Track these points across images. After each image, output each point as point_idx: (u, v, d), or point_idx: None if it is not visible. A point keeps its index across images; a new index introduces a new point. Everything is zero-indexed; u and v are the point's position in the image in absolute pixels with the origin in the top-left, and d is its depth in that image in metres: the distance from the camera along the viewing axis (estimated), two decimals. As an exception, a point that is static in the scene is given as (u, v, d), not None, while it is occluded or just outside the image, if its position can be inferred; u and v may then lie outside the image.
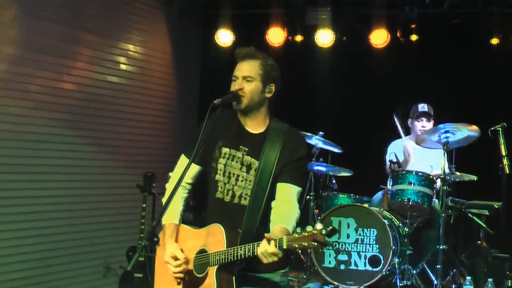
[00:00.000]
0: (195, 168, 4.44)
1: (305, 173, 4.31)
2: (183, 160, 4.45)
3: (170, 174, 4.53)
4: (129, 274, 7.53)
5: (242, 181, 4.29)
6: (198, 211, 8.14)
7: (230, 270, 4.12)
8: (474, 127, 7.28)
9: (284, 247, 3.80)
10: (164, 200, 4.28)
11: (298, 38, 9.75)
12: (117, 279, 7.92)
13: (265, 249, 3.86)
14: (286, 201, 4.19)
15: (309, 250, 7.31)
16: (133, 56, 8.97)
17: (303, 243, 3.74)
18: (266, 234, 3.88)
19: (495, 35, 8.98)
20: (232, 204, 4.29)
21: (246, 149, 4.31)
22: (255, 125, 4.35)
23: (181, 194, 4.49)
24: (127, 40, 8.88)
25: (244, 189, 4.27)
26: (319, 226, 3.71)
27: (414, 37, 9.23)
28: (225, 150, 4.34)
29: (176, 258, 4.27)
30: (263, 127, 4.35)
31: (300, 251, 3.84)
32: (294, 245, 3.77)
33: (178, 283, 4.32)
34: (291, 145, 4.26)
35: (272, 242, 3.83)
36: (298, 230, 3.79)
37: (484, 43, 9.01)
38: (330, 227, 3.73)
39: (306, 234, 3.73)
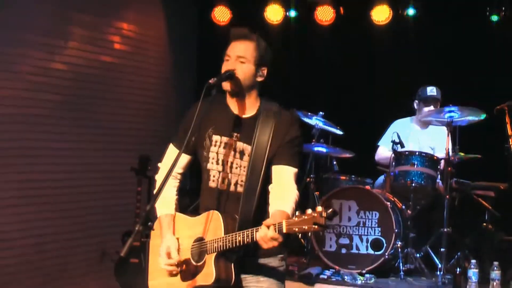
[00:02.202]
0: (185, 158, 4.41)
1: (300, 153, 4.28)
2: (171, 150, 4.45)
3: (159, 164, 4.51)
4: (124, 259, 7.52)
5: (236, 168, 4.27)
6: (194, 195, 8.10)
7: (229, 257, 4.11)
8: (481, 112, 7.27)
9: (284, 231, 3.79)
10: (155, 192, 4.26)
11: (297, 15, 9.69)
12: (112, 264, 7.91)
13: (265, 234, 3.84)
14: (282, 184, 4.18)
15: (309, 234, 7.31)
16: (127, 35, 8.91)
17: (304, 227, 3.72)
18: (264, 221, 3.87)
19: (496, 12, 8.90)
20: (228, 192, 4.28)
21: (238, 135, 4.29)
22: (245, 109, 4.32)
23: (173, 184, 4.47)
24: (120, 19, 8.81)
25: (239, 176, 4.25)
26: (319, 208, 3.70)
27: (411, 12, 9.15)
28: (216, 138, 4.31)
29: (169, 257, 4.25)
30: (254, 110, 4.32)
31: (300, 235, 3.85)
32: (294, 229, 3.75)
33: (175, 274, 4.32)
34: (283, 126, 4.24)
35: (272, 226, 3.82)
36: (298, 213, 3.78)
37: (489, 20, 8.95)
38: (330, 209, 3.71)
39: (306, 217, 3.72)
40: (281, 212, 3.99)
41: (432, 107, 8.02)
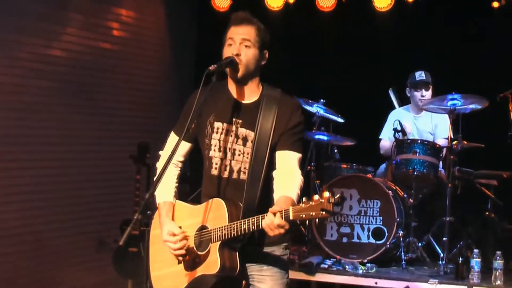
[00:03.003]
0: (185, 145, 4.41)
1: (302, 139, 4.33)
2: (173, 138, 4.43)
3: (161, 152, 4.50)
4: (122, 248, 7.51)
5: (239, 155, 4.25)
6: (195, 182, 8.09)
7: (233, 246, 4.09)
8: (483, 100, 7.25)
9: (291, 218, 3.78)
10: (155, 179, 4.25)
11: (298, 1, 9.65)
12: (111, 253, 7.90)
13: (271, 221, 3.82)
14: (287, 169, 4.18)
15: (311, 221, 7.30)
16: (126, 21, 8.88)
17: (311, 213, 3.72)
18: (270, 208, 3.85)
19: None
20: (231, 179, 4.26)
21: (240, 121, 4.27)
22: (247, 95, 4.30)
23: (173, 172, 4.45)
24: (119, 5, 8.78)
25: (242, 163, 4.24)
26: (326, 194, 3.70)
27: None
28: (217, 124, 4.30)
29: (174, 235, 4.21)
30: (256, 96, 4.31)
31: (307, 221, 3.84)
32: (301, 215, 3.75)
33: (179, 262, 4.28)
34: (286, 112, 4.24)
35: (278, 213, 3.80)
36: (304, 199, 3.76)
37: (491, 5, 8.90)
38: (338, 195, 3.71)
39: (314, 203, 3.71)
40: (286, 198, 3.98)
41: (423, 91, 8.05)
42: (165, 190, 4.38)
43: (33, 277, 7.59)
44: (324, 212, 3.69)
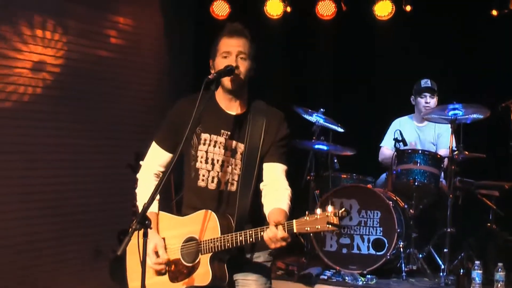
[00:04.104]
0: (167, 157, 4.43)
1: (288, 152, 4.42)
2: (154, 148, 4.47)
3: (141, 162, 4.50)
4: (120, 258, 7.49)
5: (228, 166, 4.29)
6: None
7: (222, 258, 4.13)
8: (485, 109, 7.25)
9: (295, 230, 3.82)
10: (138, 191, 4.39)
11: (298, 9, 9.65)
12: (107, 263, 7.89)
13: (274, 234, 3.86)
14: (276, 181, 4.25)
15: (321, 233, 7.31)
16: (124, 29, 8.88)
17: (317, 226, 3.75)
18: (273, 221, 3.90)
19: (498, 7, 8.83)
20: (219, 191, 4.29)
21: (228, 132, 4.31)
22: (236, 106, 4.35)
23: (155, 183, 4.40)
24: (116, 12, 8.79)
25: (230, 175, 4.28)
26: (330, 208, 3.74)
27: (408, 8, 9.08)
28: (204, 136, 4.33)
29: (157, 255, 4.22)
30: (244, 107, 4.36)
31: (312, 234, 3.88)
32: (306, 228, 3.79)
33: (163, 273, 4.28)
34: (274, 125, 4.33)
35: (280, 226, 3.82)
36: (307, 213, 3.80)
37: (492, 14, 8.90)
38: (343, 209, 3.75)
39: (319, 217, 3.75)
40: (280, 211, 4.04)
41: (428, 98, 8.05)
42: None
43: (28, 286, 7.57)
44: (330, 226, 3.71)
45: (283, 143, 4.34)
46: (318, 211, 3.74)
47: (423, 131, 8.21)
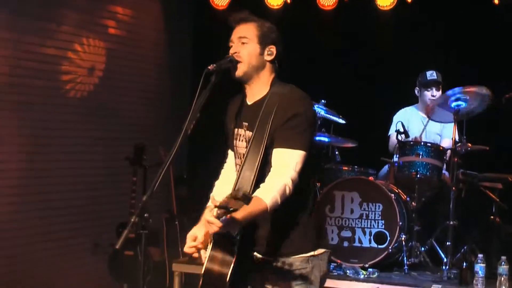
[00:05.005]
0: (229, 152, 4.44)
1: (303, 133, 4.03)
2: (230, 153, 4.43)
3: (216, 182, 4.43)
4: (118, 252, 7.49)
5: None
6: (192, 184, 8.07)
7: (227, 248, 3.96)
8: (484, 88, 7.20)
9: (214, 214, 3.69)
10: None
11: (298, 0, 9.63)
12: (106, 256, 7.89)
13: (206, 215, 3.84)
14: (274, 170, 3.98)
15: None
16: (122, 19, 8.87)
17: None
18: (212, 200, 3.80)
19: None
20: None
21: (246, 124, 4.19)
22: (254, 94, 4.22)
23: (223, 176, 4.45)
24: (115, 2, 8.77)
25: None
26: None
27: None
28: (235, 130, 4.27)
29: (195, 239, 4.04)
30: (262, 94, 4.20)
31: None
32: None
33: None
34: (285, 104, 4.06)
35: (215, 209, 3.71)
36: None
37: (495, 3, 8.87)
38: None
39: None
40: (255, 199, 3.78)
41: (434, 91, 8.01)
42: (219, 193, 4.16)
43: (26, 281, 7.58)
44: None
45: (292, 124, 3.97)
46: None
47: (429, 122, 8.16)
